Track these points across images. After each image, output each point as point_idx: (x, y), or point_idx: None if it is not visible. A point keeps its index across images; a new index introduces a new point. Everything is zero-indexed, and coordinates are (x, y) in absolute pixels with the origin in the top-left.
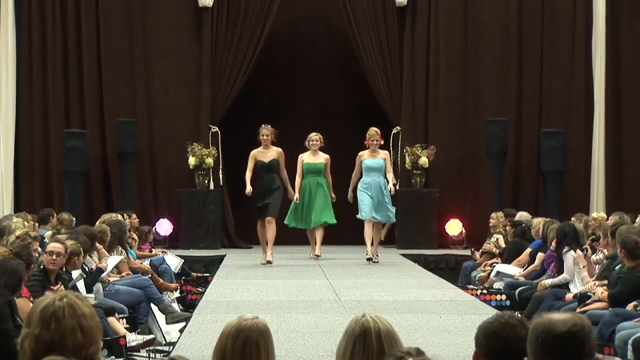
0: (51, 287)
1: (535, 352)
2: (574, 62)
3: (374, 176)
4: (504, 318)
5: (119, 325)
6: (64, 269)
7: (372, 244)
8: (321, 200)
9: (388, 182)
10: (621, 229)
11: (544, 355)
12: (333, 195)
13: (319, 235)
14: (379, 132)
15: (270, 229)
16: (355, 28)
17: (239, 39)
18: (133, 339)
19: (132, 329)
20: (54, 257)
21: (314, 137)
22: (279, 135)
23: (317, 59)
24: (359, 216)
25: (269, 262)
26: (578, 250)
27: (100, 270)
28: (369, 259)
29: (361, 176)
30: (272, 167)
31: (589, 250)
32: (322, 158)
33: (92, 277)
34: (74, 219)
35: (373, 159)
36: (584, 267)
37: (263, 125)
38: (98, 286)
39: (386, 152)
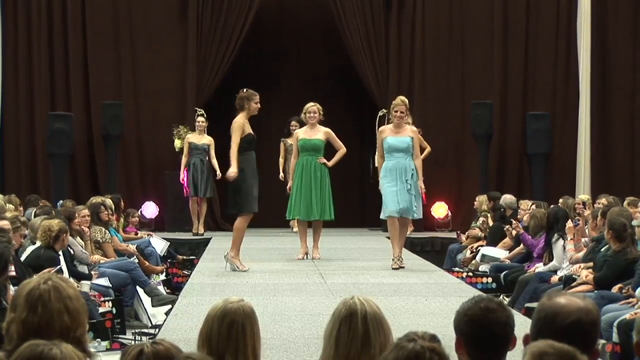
0: None
1: (534, 334)
2: (558, 44)
3: (398, 158)
4: (483, 303)
5: None
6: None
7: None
8: (324, 189)
9: (417, 170)
10: (612, 210)
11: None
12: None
13: (318, 232)
14: (405, 101)
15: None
16: (342, 11)
17: (224, 21)
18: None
19: (118, 312)
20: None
21: (311, 108)
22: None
23: (304, 42)
24: (382, 216)
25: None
26: (569, 221)
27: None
28: (393, 268)
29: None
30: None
31: (580, 223)
32: (321, 133)
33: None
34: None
35: (397, 136)
36: (571, 239)
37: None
38: (83, 268)
39: (414, 128)
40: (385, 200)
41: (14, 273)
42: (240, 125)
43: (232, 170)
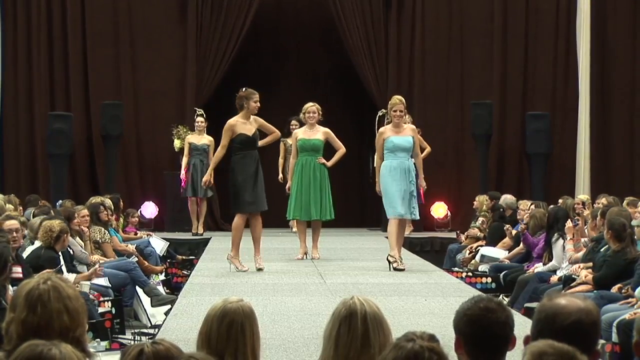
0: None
1: (534, 335)
2: (558, 44)
3: (402, 158)
4: (482, 303)
5: None
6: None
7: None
8: (324, 189)
9: (418, 170)
10: (612, 210)
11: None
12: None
13: (317, 232)
14: (403, 100)
15: (259, 225)
16: (341, 12)
17: (224, 20)
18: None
19: (117, 312)
20: (14, 234)
21: (310, 108)
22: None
23: (304, 41)
24: (390, 215)
25: (259, 269)
26: (568, 221)
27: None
28: (396, 269)
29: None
30: (257, 141)
31: (580, 223)
32: (320, 133)
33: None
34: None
35: (399, 136)
36: (570, 239)
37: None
38: (82, 268)
39: (413, 127)
40: (391, 201)
41: (20, 275)
42: (229, 126)
43: (204, 179)
